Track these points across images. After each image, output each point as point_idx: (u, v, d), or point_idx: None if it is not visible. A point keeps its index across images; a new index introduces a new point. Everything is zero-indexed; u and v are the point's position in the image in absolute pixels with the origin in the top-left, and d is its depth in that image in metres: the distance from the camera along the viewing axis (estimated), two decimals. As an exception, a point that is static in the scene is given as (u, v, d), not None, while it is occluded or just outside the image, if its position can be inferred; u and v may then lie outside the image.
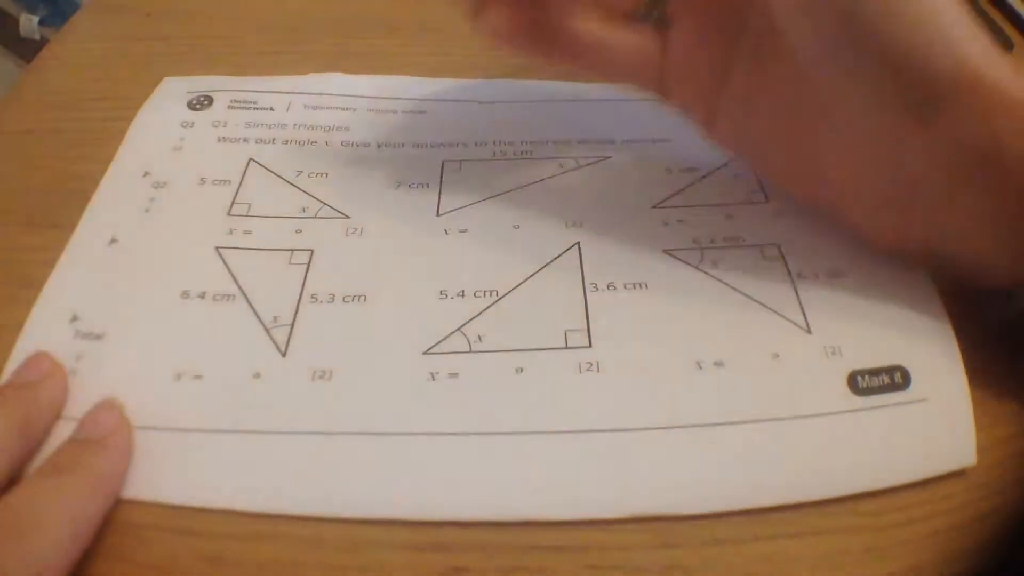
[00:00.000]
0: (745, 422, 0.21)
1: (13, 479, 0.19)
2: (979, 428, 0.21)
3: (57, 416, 0.21)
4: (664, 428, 0.21)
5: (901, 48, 0.20)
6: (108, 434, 0.20)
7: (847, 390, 0.22)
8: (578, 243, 0.25)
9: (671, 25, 0.24)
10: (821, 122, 0.22)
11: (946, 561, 0.19)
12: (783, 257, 0.25)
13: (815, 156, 0.23)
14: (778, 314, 0.23)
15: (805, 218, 0.25)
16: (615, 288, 0.24)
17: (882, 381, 0.22)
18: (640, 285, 0.24)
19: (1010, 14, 0.42)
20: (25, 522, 0.17)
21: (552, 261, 0.25)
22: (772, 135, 0.24)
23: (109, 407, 0.21)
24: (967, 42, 0.20)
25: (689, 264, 0.25)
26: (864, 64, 0.21)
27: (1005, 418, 0.22)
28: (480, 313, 0.23)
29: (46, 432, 0.20)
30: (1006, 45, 0.39)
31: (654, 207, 0.27)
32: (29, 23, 0.76)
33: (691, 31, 0.24)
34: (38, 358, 0.21)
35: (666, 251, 0.25)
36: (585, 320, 0.23)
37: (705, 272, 0.24)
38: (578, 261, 0.25)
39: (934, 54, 0.20)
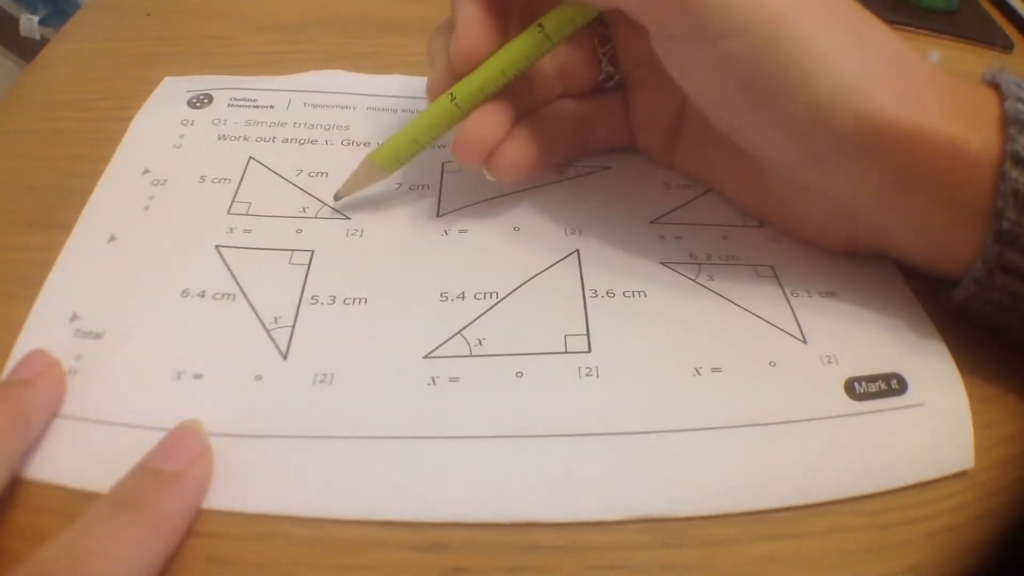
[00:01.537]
0: (743, 426, 0.21)
1: (10, 477, 0.19)
2: (979, 429, 0.21)
3: (54, 413, 0.20)
4: (663, 431, 0.21)
5: (796, 114, 0.21)
6: (186, 466, 0.19)
7: (844, 396, 0.22)
8: (577, 250, 0.25)
9: (628, 87, 0.28)
10: (757, 164, 0.24)
11: (946, 561, 0.19)
12: (777, 277, 0.25)
13: (762, 187, 0.26)
14: (774, 326, 0.23)
15: (797, 244, 0.25)
16: (614, 295, 0.24)
17: (879, 387, 0.22)
18: (639, 293, 0.24)
19: (1010, 14, 0.42)
20: (91, 566, 0.16)
21: (551, 266, 0.25)
22: (724, 169, 0.27)
23: (193, 434, 0.20)
24: (875, 94, 0.20)
25: (686, 277, 0.25)
26: (766, 128, 0.22)
27: (1005, 419, 0.22)
28: (480, 316, 0.23)
29: (42, 429, 0.20)
30: (1006, 45, 0.39)
31: (652, 221, 0.27)
32: (29, 23, 0.76)
33: (646, 89, 0.27)
34: (34, 355, 0.21)
35: (664, 263, 0.25)
36: (585, 325, 0.23)
37: (702, 285, 0.25)
38: (577, 268, 0.25)
39: (831, 115, 0.20)
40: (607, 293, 0.24)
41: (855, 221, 0.24)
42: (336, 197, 0.27)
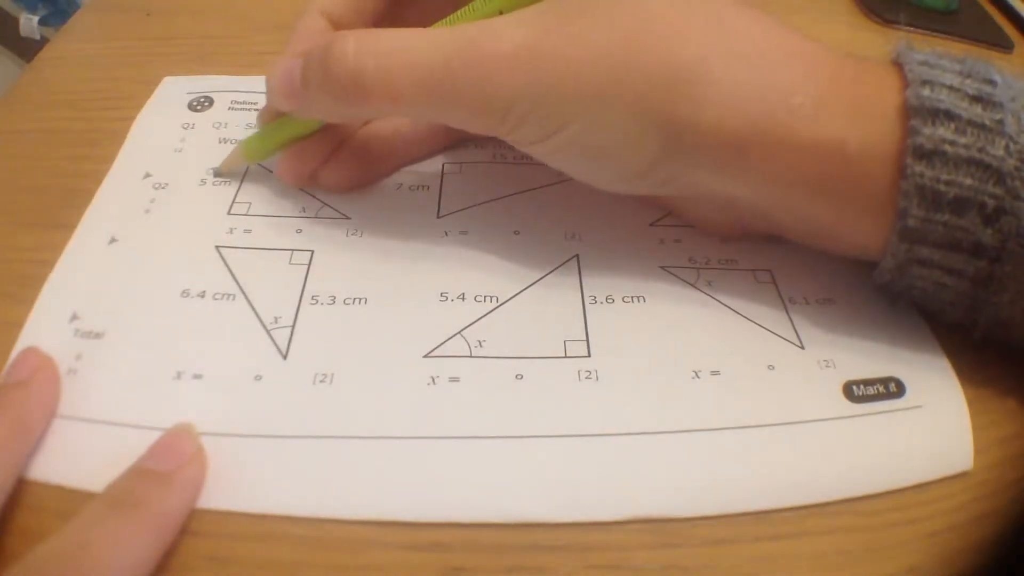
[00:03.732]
0: (742, 427, 0.21)
1: (15, 482, 0.19)
2: (977, 430, 0.21)
3: (52, 412, 0.20)
4: (663, 432, 0.21)
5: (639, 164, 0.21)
6: (178, 466, 0.19)
7: (842, 398, 0.22)
8: (577, 256, 0.25)
9: None
10: None
11: (945, 561, 0.19)
12: (775, 282, 0.25)
13: None
14: (772, 332, 0.23)
15: (796, 248, 0.25)
16: (613, 301, 0.24)
17: (877, 390, 0.22)
18: (638, 299, 0.24)
19: (1010, 14, 0.42)
20: (86, 563, 0.16)
21: (551, 272, 0.25)
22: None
23: (185, 435, 0.20)
24: (725, 110, 0.20)
25: (686, 282, 0.25)
26: (617, 179, 0.23)
27: (1004, 419, 0.22)
28: (481, 318, 0.23)
29: (43, 430, 0.20)
30: (1006, 45, 0.39)
31: (651, 224, 0.27)
32: (29, 23, 0.76)
33: None
34: (26, 354, 0.21)
35: (663, 268, 0.25)
36: (584, 331, 0.23)
37: (701, 291, 0.25)
38: (577, 273, 0.25)
39: (678, 147, 0.20)
40: (607, 299, 0.24)
41: (742, 214, 0.24)
42: (215, 173, 0.28)
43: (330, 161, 0.27)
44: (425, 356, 0.22)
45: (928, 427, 0.21)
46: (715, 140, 0.20)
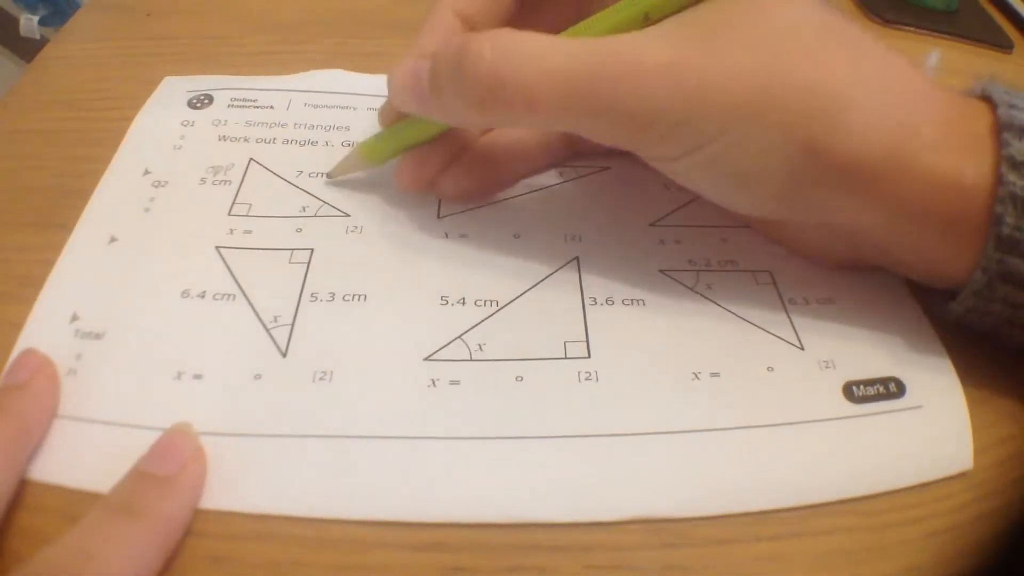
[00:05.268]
0: (742, 428, 0.21)
1: (17, 485, 0.19)
2: (978, 428, 0.21)
3: (52, 413, 0.20)
4: (663, 433, 0.21)
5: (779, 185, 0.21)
6: (179, 469, 0.19)
7: (842, 399, 0.22)
8: (577, 257, 0.25)
9: None
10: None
11: (945, 561, 0.20)
12: (775, 283, 0.25)
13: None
14: (771, 334, 0.24)
15: None
16: (613, 303, 0.24)
17: (877, 390, 0.22)
18: (638, 301, 0.24)
19: (1010, 14, 0.42)
20: (88, 571, 0.16)
21: (551, 274, 0.25)
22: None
23: (183, 435, 0.20)
24: (864, 134, 0.20)
25: (685, 285, 0.25)
26: (759, 201, 0.22)
27: (1004, 418, 0.22)
28: (481, 322, 0.23)
29: (44, 432, 0.20)
30: (1006, 45, 0.39)
31: (651, 224, 0.27)
32: (29, 23, 0.76)
33: None
34: (26, 356, 0.21)
35: (663, 271, 0.25)
36: (584, 332, 0.23)
37: (700, 294, 0.25)
38: (577, 275, 0.25)
39: (817, 172, 0.20)
40: (606, 301, 0.24)
41: (859, 245, 0.24)
42: (328, 176, 0.28)
43: (450, 168, 0.26)
44: (425, 359, 0.22)
45: (928, 427, 0.21)
46: (853, 164, 0.20)
